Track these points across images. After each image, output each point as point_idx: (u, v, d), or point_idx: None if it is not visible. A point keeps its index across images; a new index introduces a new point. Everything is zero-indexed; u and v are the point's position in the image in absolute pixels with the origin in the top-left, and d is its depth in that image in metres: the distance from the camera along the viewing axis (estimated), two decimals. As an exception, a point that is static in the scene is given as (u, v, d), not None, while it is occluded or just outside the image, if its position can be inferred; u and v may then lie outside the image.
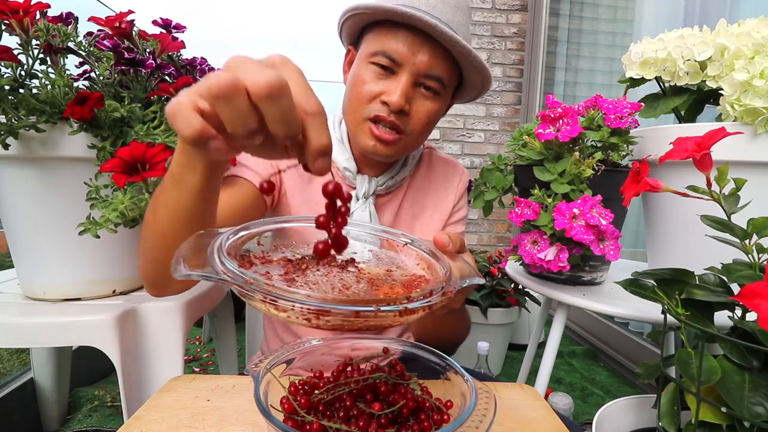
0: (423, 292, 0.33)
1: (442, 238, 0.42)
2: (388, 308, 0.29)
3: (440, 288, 0.35)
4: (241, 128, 0.28)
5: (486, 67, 0.67)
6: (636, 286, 0.51)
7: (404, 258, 0.44)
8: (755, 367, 0.40)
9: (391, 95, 0.63)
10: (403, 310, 0.30)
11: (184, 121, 0.28)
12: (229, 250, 0.34)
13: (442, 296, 0.34)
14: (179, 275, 0.29)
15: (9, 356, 1.65)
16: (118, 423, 1.27)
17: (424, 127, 0.68)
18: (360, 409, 0.38)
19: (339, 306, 0.28)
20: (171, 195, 0.42)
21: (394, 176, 0.76)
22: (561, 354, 1.91)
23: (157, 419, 0.45)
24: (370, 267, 0.42)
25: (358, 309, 0.28)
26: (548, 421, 0.48)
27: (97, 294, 0.77)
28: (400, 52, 0.63)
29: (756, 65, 0.65)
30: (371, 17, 0.65)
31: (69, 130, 0.64)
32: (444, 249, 0.42)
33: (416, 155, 0.82)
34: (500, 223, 2.53)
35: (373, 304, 0.29)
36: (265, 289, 0.28)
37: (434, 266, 0.41)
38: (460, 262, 0.42)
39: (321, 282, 0.35)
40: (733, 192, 0.47)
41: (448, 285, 0.36)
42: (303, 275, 0.36)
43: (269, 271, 0.35)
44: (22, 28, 0.63)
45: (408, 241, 0.44)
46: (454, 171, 0.85)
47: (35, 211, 0.71)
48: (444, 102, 0.70)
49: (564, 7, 2.40)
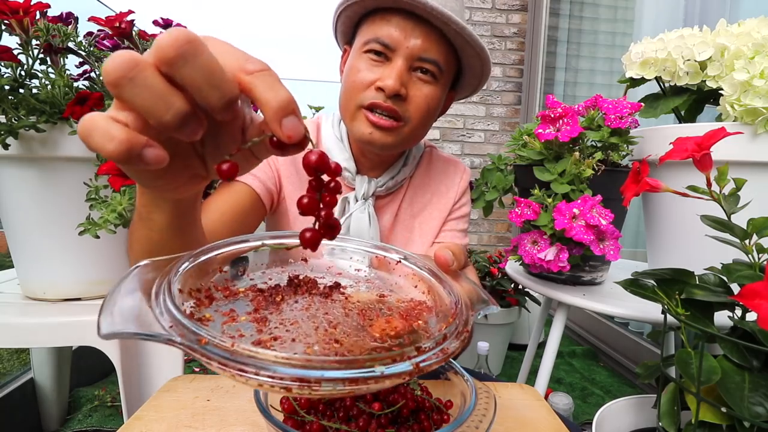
0: (436, 338, 0.26)
1: (445, 256, 0.37)
2: (395, 370, 0.23)
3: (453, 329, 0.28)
4: (165, 112, 0.23)
5: (484, 48, 0.65)
6: (636, 286, 0.51)
7: (399, 279, 0.38)
8: (755, 367, 0.40)
9: (386, 80, 0.61)
10: (415, 368, 0.23)
11: (102, 135, 0.22)
12: (180, 285, 0.27)
13: (457, 340, 0.27)
14: (107, 333, 0.22)
15: (9, 356, 1.65)
16: (118, 423, 1.27)
17: (423, 113, 0.66)
18: (360, 409, 0.38)
19: (329, 372, 0.21)
20: (142, 234, 0.39)
21: (394, 176, 0.75)
22: (561, 354, 1.90)
23: (157, 419, 0.45)
24: (359, 292, 0.35)
25: (355, 376, 0.22)
26: (548, 421, 0.48)
27: (97, 294, 0.77)
28: (393, 36, 0.62)
29: (756, 65, 0.65)
30: (362, 8, 0.65)
31: (69, 130, 0.65)
32: (447, 269, 0.37)
33: (417, 155, 0.80)
34: (500, 223, 2.53)
35: (374, 363, 0.23)
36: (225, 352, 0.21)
37: (436, 289, 0.35)
38: (466, 284, 0.37)
39: (301, 321, 0.28)
40: (733, 192, 0.47)
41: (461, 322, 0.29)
42: (278, 311, 0.29)
43: (234, 308, 0.28)
44: (22, 28, 0.63)
45: (401, 258, 0.38)
46: (455, 169, 0.83)
47: (35, 211, 0.71)
48: (443, 88, 0.68)
49: (564, 7, 2.40)
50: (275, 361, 0.21)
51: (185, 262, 0.29)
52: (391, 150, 0.68)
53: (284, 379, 0.21)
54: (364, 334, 0.27)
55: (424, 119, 0.67)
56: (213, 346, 0.21)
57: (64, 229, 0.69)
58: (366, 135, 0.65)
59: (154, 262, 0.29)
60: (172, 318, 0.23)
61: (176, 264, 0.29)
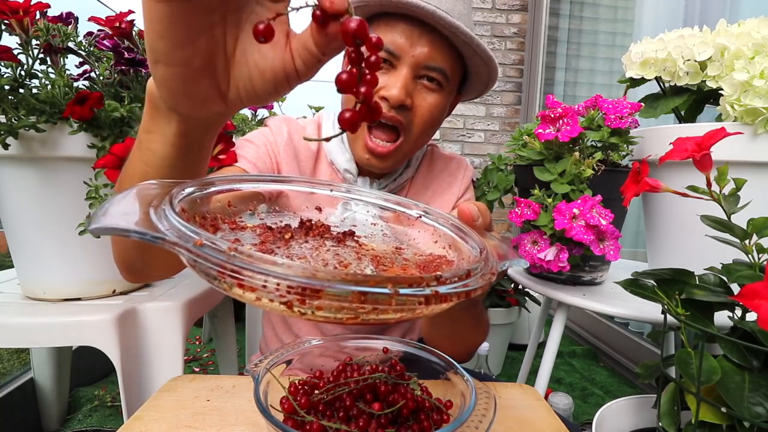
0: (458, 273, 0.24)
1: (470, 209, 0.35)
2: (410, 291, 0.20)
3: (478, 269, 0.26)
4: None
5: (492, 57, 0.63)
6: (636, 286, 0.51)
7: (417, 233, 0.36)
8: (755, 367, 0.40)
9: (390, 89, 0.60)
10: (433, 295, 0.21)
11: None
12: (184, 205, 0.26)
13: (483, 280, 0.25)
14: (94, 227, 0.21)
15: (9, 356, 1.65)
16: (118, 423, 1.27)
17: (427, 123, 0.64)
18: (360, 409, 0.38)
19: (337, 285, 0.19)
20: (137, 167, 0.35)
21: (396, 178, 0.74)
22: (561, 354, 1.90)
23: (157, 419, 0.45)
24: (373, 242, 0.33)
25: (365, 290, 0.19)
26: (548, 421, 0.48)
27: (97, 294, 0.77)
28: (398, 44, 0.60)
29: (756, 65, 0.65)
30: (365, 12, 0.62)
31: (69, 130, 0.64)
32: (471, 223, 0.34)
33: (419, 156, 0.79)
34: (500, 223, 2.53)
35: (389, 284, 0.20)
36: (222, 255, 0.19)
37: (459, 245, 0.32)
38: (492, 240, 0.34)
39: (309, 256, 0.26)
40: (733, 192, 0.47)
41: (487, 266, 0.27)
42: (286, 247, 0.27)
43: (239, 239, 0.27)
44: (22, 28, 0.63)
45: (422, 213, 0.36)
46: (458, 165, 0.82)
47: (35, 211, 0.71)
48: (448, 96, 0.66)
49: (564, 7, 2.40)
50: (277, 265, 0.19)
51: (192, 187, 0.27)
52: (390, 169, 0.69)
53: (284, 288, 0.18)
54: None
55: (428, 128, 0.66)
56: (209, 249, 0.19)
57: (64, 229, 0.69)
58: (363, 159, 0.65)
59: (159, 182, 0.26)
60: (170, 223, 0.21)
61: (182, 186, 0.27)
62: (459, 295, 0.23)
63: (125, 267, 0.47)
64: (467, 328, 0.57)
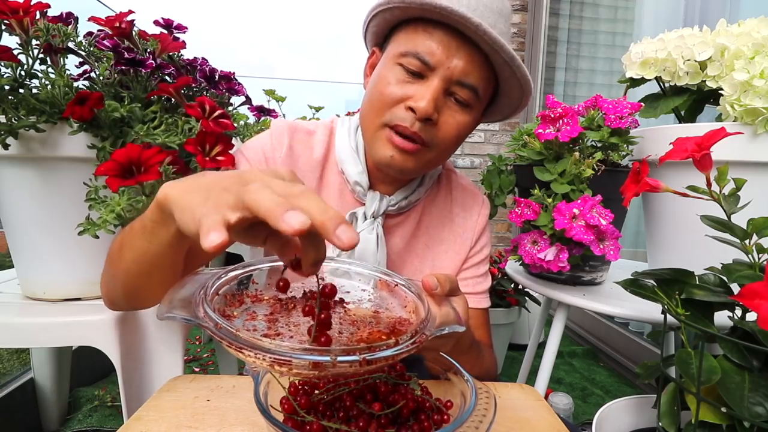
0: (387, 342, 0.31)
1: (429, 281, 0.40)
2: (346, 359, 0.28)
3: (408, 338, 0.33)
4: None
5: (530, 81, 0.59)
6: (636, 286, 0.51)
7: (393, 299, 0.43)
8: (755, 367, 0.40)
9: (419, 100, 0.56)
10: (362, 361, 0.29)
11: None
12: (218, 289, 0.36)
13: (412, 345, 0.32)
14: (162, 316, 0.31)
15: (9, 356, 1.65)
16: (118, 423, 1.27)
17: (451, 141, 0.61)
18: (360, 409, 0.38)
19: (297, 355, 0.28)
20: (140, 243, 0.42)
21: (408, 196, 0.69)
22: (561, 354, 1.91)
23: (157, 419, 0.45)
24: (359, 308, 0.41)
25: (315, 358, 0.28)
26: (548, 421, 0.48)
27: (97, 294, 0.77)
28: (434, 53, 0.56)
29: (756, 65, 0.65)
30: (404, 13, 0.58)
31: (69, 130, 0.64)
32: (430, 292, 0.40)
33: (434, 176, 0.74)
34: (500, 223, 2.53)
35: (330, 354, 0.28)
36: (231, 336, 0.29)
37: (419, 310, 0.39)
38: (446, 308, 0.40)
39: (302, 324, 0.35)
40: (733, 192, 0.47)
41: (421, 333, 0.34)
42: (287, 316, 0.36)
43: (256, 310, 0.36)
44: (22, 28, 0.63)
45: (400, 282, 0.43)
46: (473, 201, 0.77)
47: (35, 211, 0.71)
48: (476, 117, 0.63)
49: (564, 7, 2.40)
50: (262, 346, 0.29)
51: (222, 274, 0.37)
52: (410, 175, 0.65)
53: (267, 359, 0.28)
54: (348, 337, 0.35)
55: (451, 147, 0.63)
56: (224, 331, 0.30)
57: (64, 229, 0.69)
58: (386, 158, 0.60)
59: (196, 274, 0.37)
60: (204, 312, 0.32)
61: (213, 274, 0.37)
62: (386, 359, 0.31)
63: (109, 302, 0.55)
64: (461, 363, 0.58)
